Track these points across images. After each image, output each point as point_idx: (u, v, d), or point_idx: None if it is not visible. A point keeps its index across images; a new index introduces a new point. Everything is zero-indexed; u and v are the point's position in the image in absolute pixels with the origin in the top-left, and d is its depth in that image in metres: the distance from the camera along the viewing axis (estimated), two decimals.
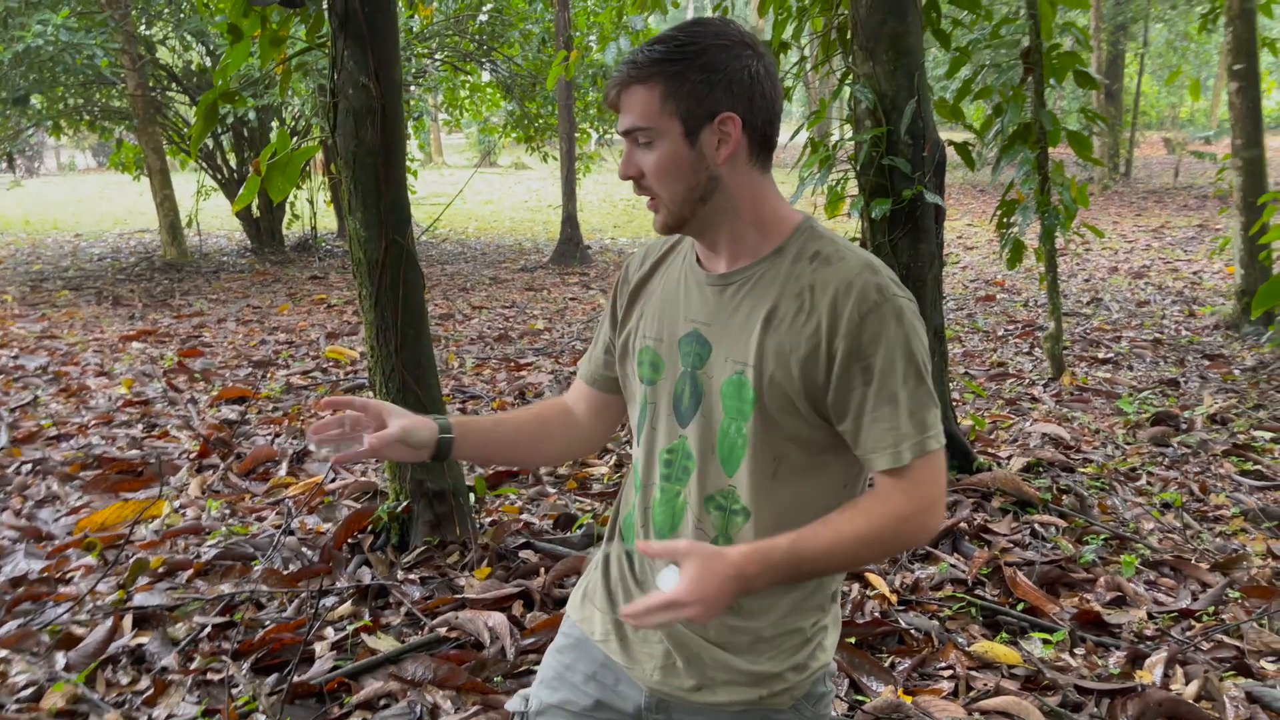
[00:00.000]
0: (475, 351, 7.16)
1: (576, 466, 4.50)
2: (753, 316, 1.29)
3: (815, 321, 1.24)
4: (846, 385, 1.24)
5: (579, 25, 12.34)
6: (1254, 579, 3.27)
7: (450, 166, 30.99)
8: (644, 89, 1.25)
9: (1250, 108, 6.92)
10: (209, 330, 7.95)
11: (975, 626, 3.00)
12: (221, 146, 12.82)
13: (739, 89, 1.24)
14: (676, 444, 1.35)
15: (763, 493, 1.30)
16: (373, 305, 3.23)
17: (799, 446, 1.29)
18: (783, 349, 1.26)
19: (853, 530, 1.22)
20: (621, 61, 1.26)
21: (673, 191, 1.28)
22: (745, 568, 1.18)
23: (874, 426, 1.23)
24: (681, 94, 1.24)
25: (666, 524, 1.36)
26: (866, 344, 1.22)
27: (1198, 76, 22.45)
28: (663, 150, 1.26)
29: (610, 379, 1.53)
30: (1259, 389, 5.64)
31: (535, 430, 1.54)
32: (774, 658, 1.35)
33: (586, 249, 12.79)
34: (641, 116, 1.26)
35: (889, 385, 1.22)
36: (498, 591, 3.12)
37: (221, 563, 3.40)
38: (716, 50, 1.24)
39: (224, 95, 3.25)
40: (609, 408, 1.56)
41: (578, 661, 1.49)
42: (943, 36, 4.29)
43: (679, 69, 1.23)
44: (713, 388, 1.32)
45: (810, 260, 1.28)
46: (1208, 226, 13.67)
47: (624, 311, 1.48)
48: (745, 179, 1.29)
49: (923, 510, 1.24)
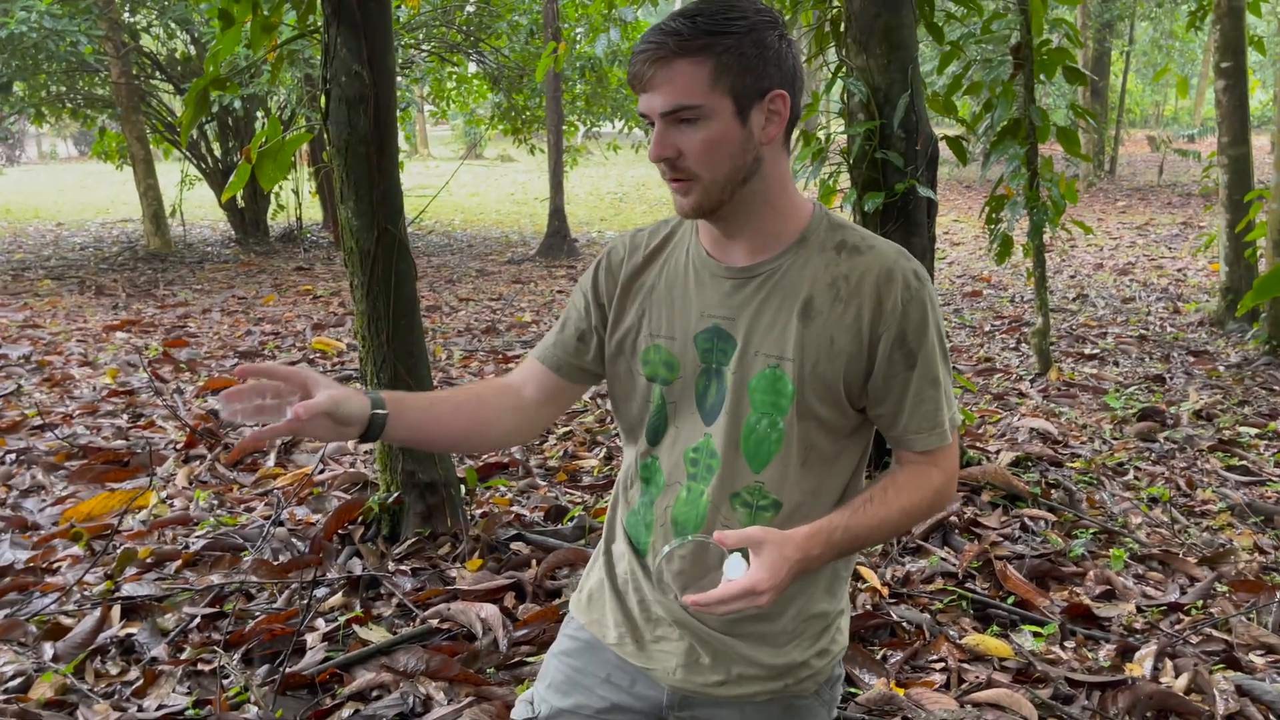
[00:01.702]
0: (463, 344, 7.13)
1: (567, 459, 4.50)
2: (785, 309, 1.26)
3: (855, 309, 1.24)
4: (890, 371, 1.26)
5: (568, 17, 12.30)
6: (1241, 573, 3.30)
7: (436, 158, 30.85)
8: (690, 64, 1.17)
9: (1237, 105, 6.97)
10: (194, 320, 7.89)
11: (966, 619, 3.01)
12: (206, 136, 12.72)
13: (786, 66, 1.22)
14: (701, 443, 1.32)
15: (790, 484, 1.30)
16: (364, 295, 3.21)
17: (828, 434, 1.30)
18: (824, 340, 1.25)
19: (899, 505, 1.28)
20: (651, 36, 1.18)
21: (716, 173, 1.22)
22: (810, 549, 1.20)
23: (919, 409, 1.28)
24: (736, 70, 1.18)
25: (690, 523, 1.33)
26: (911, 330, 1.25)
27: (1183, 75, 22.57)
28: (711, 129, 1.19)
29: (578, 368, 1.44)
30: (1243, 385, 5.69)
31: (474, 410, 1.40)
32: (800, 646, 1.35)
33: (573, 242, 12.77)
34: (687, 94, 1.17)
35: (931, 369, 1.27)
36: (490, 583, 3.11)
37: (210, 553, 3.38)
38: (764, 27, 1.20)
39: (215, 82, 3.21)
40: (563, 394, 1.47)
41: (589, 665, 1.46)
42: (936, 30, 4.29)
43: (732, 42, 1.17)
44: (741, 384, 1.28)
45: (838, 250, 1.27)
46: (1191, 224, 13.76)
47: (615, 306, 1.39)
48: (778, 160, 1.27)
49: (951, 479, 1.33)
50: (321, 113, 3.17)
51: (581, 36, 12.22)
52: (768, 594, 1.15)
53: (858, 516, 1.25)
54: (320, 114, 3.19)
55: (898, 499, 1.27)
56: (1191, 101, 30.28)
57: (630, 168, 25.46)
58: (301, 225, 13.67)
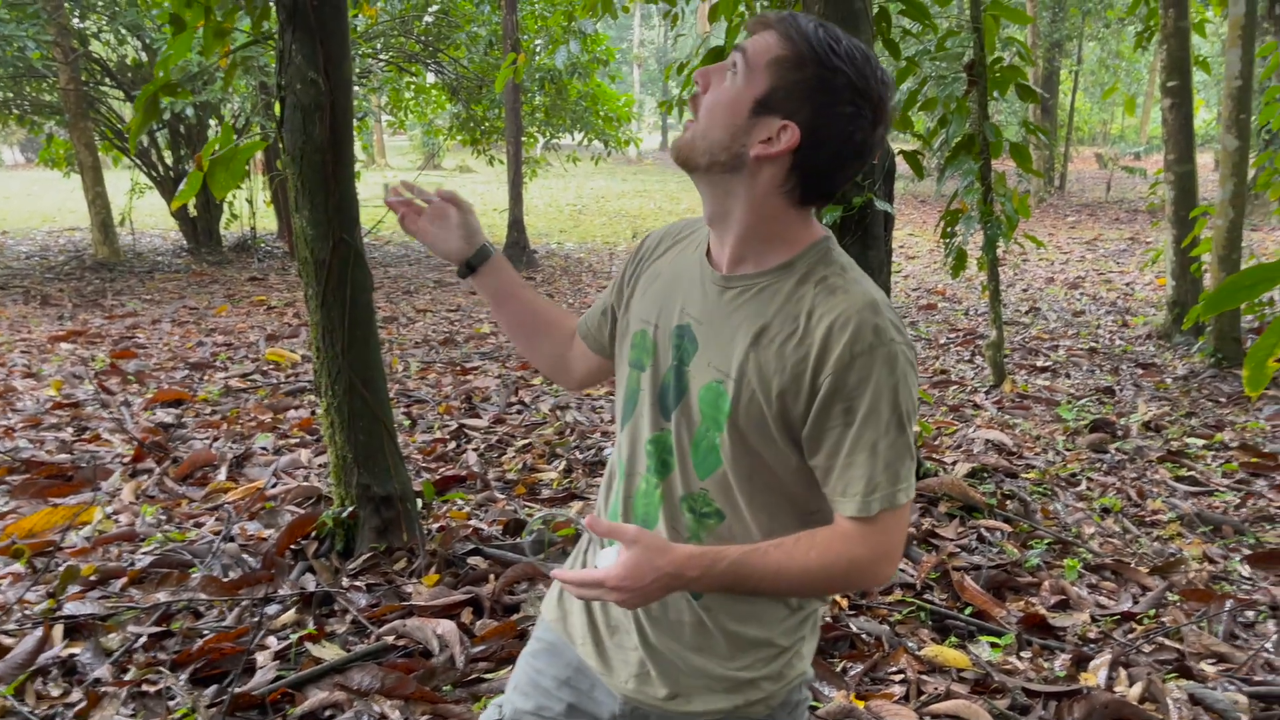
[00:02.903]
0: (420, 355, 7.06)
1: (526, 472, 4.46)
2: (744, 328, 1.24)
3: (805, 350, 1.20)
4: (824, 422, 1.20)
5: (527, 28, 12.29)
6: (1191, 582, 3.35)
7: (394, 168, 30.59)
8: (775, 39, 1.20)
9: (1183, 124, 7.13)
10: (143, 331, 7.73)
11: (925, 631, 3.02)
12: (157, 143, 12.49)
13: (822, 122, 1.19)
14: (660, 436, 1.32)
15: (733, 499, 1.28)
16: (319, 305, 3.15)
17: (769, 466, 1.26)
18: (766, 369, 1.21)
19: (803, 562, 1.20)
20: (786, 12, 1.22)
21: (707, 129, 1.23)
22: (686, 569, 1.17)
23: (848, 472, 1.20)
24: (786, 74, 1.19)
25: (647, 517, 1.33)
26: (853, 385, 1.17)
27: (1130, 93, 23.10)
28: (730, 91, 1.21)
29: (599, 342, 1.53)
30: (1190, 397, 5.80)
31: (538, 326, 1.59)
32: (751, 666, 1.33)
33: (533, 253, 12.72)
34: (752, 53, 1.21)
35: (869, 433, 1.18)
36: (446, 599, 3.06)
37: (157, 570, 3.29)
38: (845, 81, 1.18)
39: (165, 88, 3.14)
40: (587, 360, 1.57)
41: (551, 666, 1.46)
42: (893, 46, 4.33)
43: (807, 57, 1.18)
44: (693, 388, 1.28)
45: (815, 284, 1.23)
46: (1139, 239, 14.06)
47: (631, 288, 1.44)
48: (770, 196, 1.24)
49: (879, 559, 1.22)
50: (276, 120, 3.12)
51: (541, 48, 12.21)
52: (618, 593, 1.16)
53: (753, 557, 1.19)
54: (275, 122, 3.13)
55: (805, 556, 1.20)
56: (1138, 120, 31.02)
57: (589, 180, 25.46)
58: (256, 235, 13.47)
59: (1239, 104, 6.60)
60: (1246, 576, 3.45)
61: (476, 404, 5.62)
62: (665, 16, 5.73)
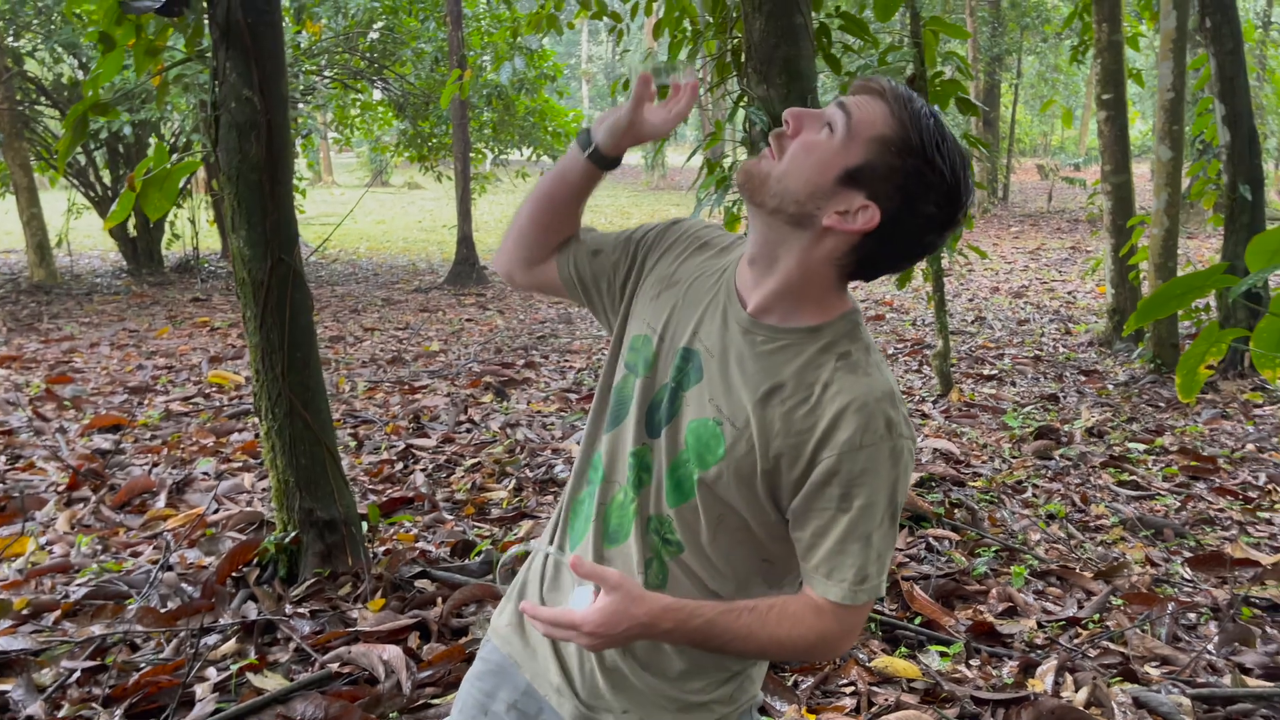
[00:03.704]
0: (367, 375, 6.97)
1: (475, 491, 4.41)
2: (757, 379, 1.21)
3: (813, 421, 1.18)
4: (816, 501, 1.19)
5: (473, 44, 12.25)
6: (1135, 586, 3.40)
7: (341, 186, 30.32)
8: (885, 114, 1.14)
9: (1118, 135, 7.30)
10: (80, 355, 7.54)
11: (875, 641, 3.03)
12: (95, 163, 12.24)
13: (904, 215, 1.16)
14: (642, 450, 1.29)
15: (697, 535, 1.27)
16: (258, 327, 3.09)
17: (741, 515, 1.25)
18: (769, 428, 1.19)
19: (774, 631, 1.20)
20: (901, 87, 1.16)
21: (787, 175, 1.17)
22: (659, 622, 1.17)
23: (837, 558, 1.19)
24: (886, 155, 1.14)
25: (619, 530, 1.31)
26: (856, 474, 1.16)
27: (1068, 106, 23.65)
28: (825, 150, 1.15)
29: (572, 271, 1.43)
30: (1131, 403, 5.92)
31: (568, 219, 1.45)
32: (704, 689, 1.33)
33: (483, 269, 12.65)
34: (857, 120, 1.15)
35: (866, 524, 1.18)
36: (393, 623, 3.01)
37: (92, 602, 3.19)
38: (939, 181, 1.14)
39: (95, 107, 3.08)
40: (551, 280, 1.46)
41: (499, 689, 1.43)
42: (833, 61, 4.38)
43: (913, 146, 1.13)
44: (685, 416, 1.26)
45: (838, 358, 1.20)
46: (1080, 248, 14.36)
47: (640, 267, 1.39)
48: (823, 263, 1.20)
49: (846, 635, 1.23)
50: (211, 139, 3.06)
51: (487, 64, 12.18)
52: (591, 639, 1.16)
53: (726, 618, 1.19)
54: (211, 140, 3.07)
55: (778, 626, 1.20)
56: (1077, 131, 31.75)
57: None
58: (198, 254, 13.24)
59: (1172, 115, 6.77)
60: (1187, 579, 3.51)
61: (425, 423, 5.56)
62: (610, 32, 5.75)
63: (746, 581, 1.29)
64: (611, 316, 1.43)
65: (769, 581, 1.31)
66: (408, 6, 12.12)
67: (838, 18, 4.30)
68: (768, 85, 3.88)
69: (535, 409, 5.92)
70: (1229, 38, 6.10)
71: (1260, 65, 16.54)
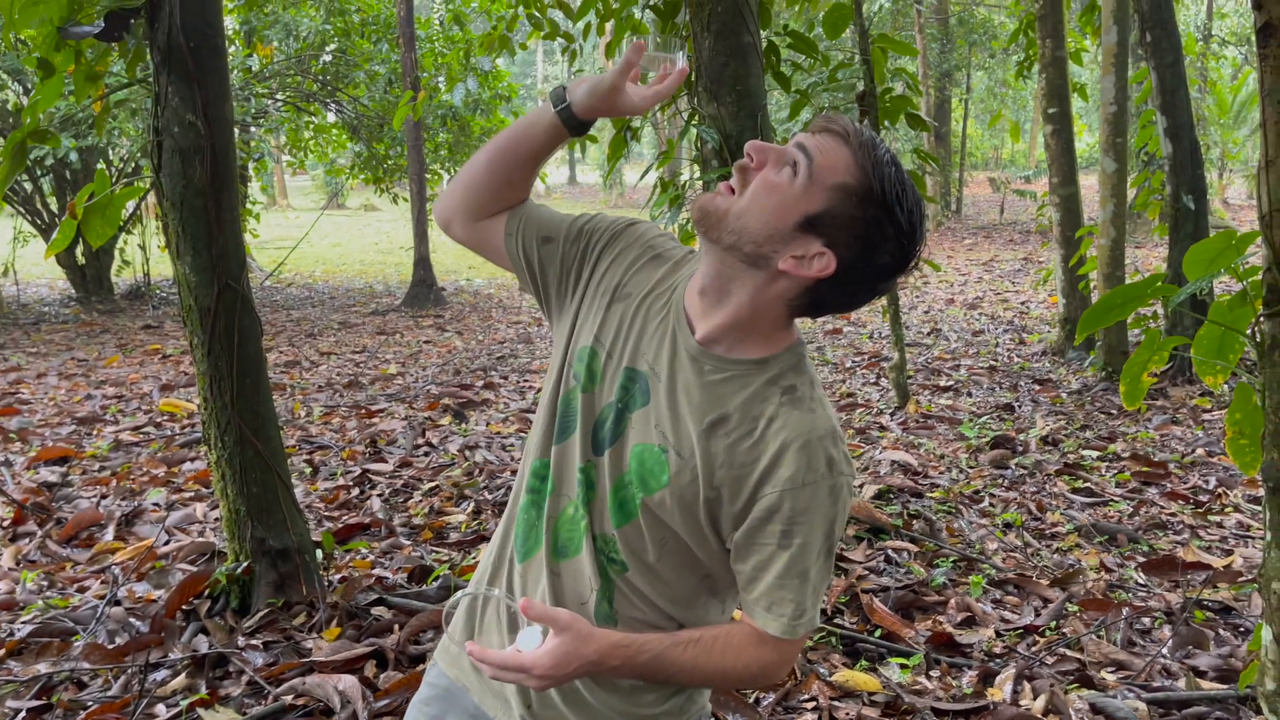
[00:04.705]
0: (323, 399, 6.88)
1: (433, 515, 4.36)
2: (703, 409, 1.22)
3: (756, 455, 1.19)
4: (757, 536, 1.20)
5: (426, 66, 12.22)
6: (1090, 592, 3.44)
7: (296, 209, 30.04)
8: (849, 161, 1.13)
9: (1065, 148, 7.44)
10: (26, 386, 7.37)
11: (836, 655, 3.03)
12: (41, 189, 12.02)
13: (860, 264, 1.16)
14: (588, 467, 1.28)
15: (640, 555, 1.27)
16: (205, 354, 3.04)
17: (683, 539, 1.26)
18: (713, 459, 1.20)
19: (719, 661, 1.23)
20: (865, 131, 1.14)
21: (745, 213, 1.16)
22: (608, 659, 1.19)
23: (777, 593, 1.21)
24: (846, 204, 1.13)
25: (569, 544, 1.30)
26: (796, 511, 1.18)
27: (1016, 120, 24.09)
28: (787, 194, 1.14)
29: (517, 255, 1.37)
30: (1084, 410, 6.00)
31: (522, 177, 1.38)
32: (653, 703, 1.34)
33: (440, 290, 12.58)
34: (819, 165, 1.13)
35: (804, 560, 1.20)
36: (348, 652, 2.95)
37: (37, 640, 3.10)
38: (896, 232, 1.14)
39: (34, 134, 3.01)
40: (494, 244, 1.40)
41: (446, 713, 1.42)
42: (783, 79, 4.42)
43: (875, 197, 1.13)
44: (630, 438, 1.26)
45: (783, 392, 1.21)
46: (1032, 259, 14.59)
47: (592, 266, 1.35)
48: (774, 302, 1.20)
49: (785, 663, 1.26)
50: (155, 164, 3.01)
51: (442, 85, 12.14)
52: (541, 681, 1.17)
53: (672, 652, 1.22)
54: (154, 165, 3.02)
55: (722, 657, 1.23)
56: (1026, 144, 32.33)
57: None
58: (150, 281, 13.02)
59: (1115, 128, 6.92)
60: (1141, 584, 3.56)
61: (382, 448, 5.49)
62: (564, 52, 5.76)
63: (692, 599, 1.30)
64: (555, 310, 1.39)
65: (711, 593, 1.32)
66: (360, 29, 12.08)
67: (787, 36, 4.34)
68: (718, 104, 3.91)
69: (494, 430, 5.88)
70: (1169, 51, 6.25)
71: (1202, 77, 16.97)
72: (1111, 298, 1.86)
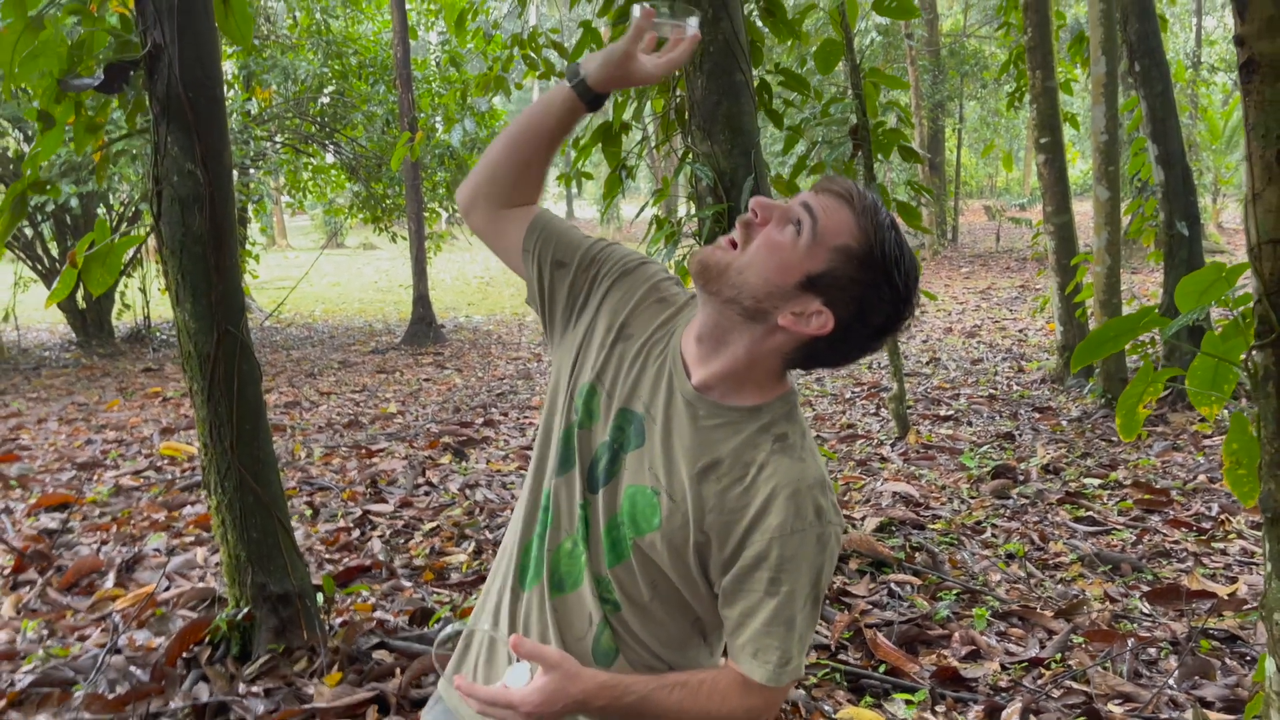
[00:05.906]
0: (323, 440, 6.88)
1: (434, 556, 4.35)
2: (696, 454, 1.24)
3: (746, 501, 1.21)
4: (745, 583, 1.22)
5: (423, 106, 12.33)
6: (1095, 623, 3.42)
7: (295, 249, 30.18)
8: (852, 223, 1.16)
9: (1058, 177, 7.49)
10: (27, 432, 7.37)
11: (841, 692, 3.01)
12: (42, 235, 12.10)
13: (856, 324, 1.19)
14: (585, 504, 1.30)
15: (633, 595, 1.29)
16: (205, 400, 3.05)
17: (673, 581, 1.28)
18: (704, 503, 1.22)
19: (705, 706, 1.23)
20: (869, 195, 1.18)
21: (747, 269, 1.19)
22: (595, 698, 1.20)
23: (763, 639, 1.22)
24: (847, 266, 1.16)
25: (567, 579, 1.31)
26: (784, 558, 1.20)
27: (1009, 149, 24.27)
28: (790, 253, 1.17)
29: (533, 275, 1.38)
30: (1085, 438, 6.00)
31: (538, 171, 1.40)
32: None
33: (440, 328, 12.61)
34: (824, 226, 1.16)
35: (790, 607, 1.21)
36: (350, 698, 2.94)
37: (38, 690, 3.09)
38: (893, 296, 1.18)
39: (34, 185, 3.05)
40: (511, 241, 1.40)
41: None
42: (775, 116, 4.47)
43: (875, 261, 1.16)
44: (624, 479, 1.27)
45: (774, 439, 1.24)
46: (1029, 286, 14.63)
47: (607, 302, 1.35)
48: (770, 355, 1.23)
49: (769, 710, 1.27)
50: (154, 213, 3.04)
51: (439, 125, 12.25)
52: (527, 718, 1.18)
53: (659, 694, 1.22)
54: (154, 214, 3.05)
55: (709, 701, 1.23)
56: (1020, 172, 32.54)
57: None
58: (150, 324, 13.06)
59: (1107, 157, 6.97)
60: (1146, 613, 3.54)
61: (382, 488, 5.49)
62: None
63: (684, 642, 1.32)
64: (558, 332, 1.41)
65: (701, 636, 1.34)
66: (357, 70, 12.21)
67: (778, 74, 4.39)
68: (712, 141, 3.95)
69: (495, 468, 5.87)
70: (1158, 80, 6.32)
71: (1192, 104, 17.12)
72: (1105, 330, 1.87)
